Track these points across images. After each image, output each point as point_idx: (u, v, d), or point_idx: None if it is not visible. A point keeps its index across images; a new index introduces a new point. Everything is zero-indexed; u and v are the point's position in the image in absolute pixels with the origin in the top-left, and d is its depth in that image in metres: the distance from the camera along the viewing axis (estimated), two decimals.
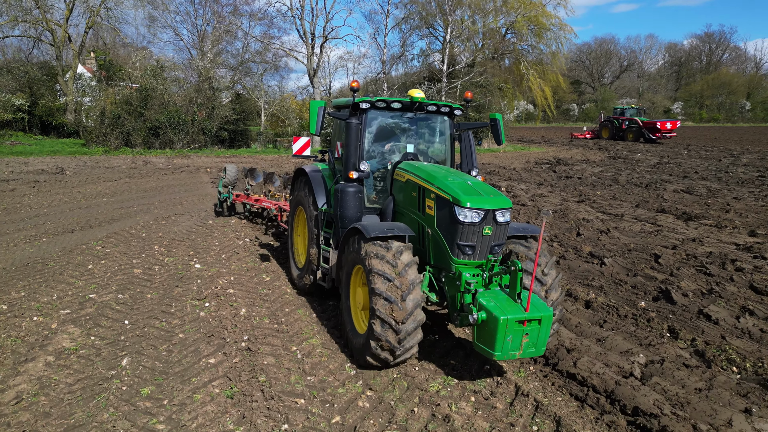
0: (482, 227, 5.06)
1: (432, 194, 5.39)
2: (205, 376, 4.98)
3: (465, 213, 4.99)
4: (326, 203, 6.78)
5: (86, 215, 11.79)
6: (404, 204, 6.02)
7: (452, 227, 5.10)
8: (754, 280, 7.73)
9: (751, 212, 12.94)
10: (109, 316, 6.30)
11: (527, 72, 32.44)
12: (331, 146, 7.40)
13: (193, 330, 6.00)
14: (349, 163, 6.20)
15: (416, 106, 6.42)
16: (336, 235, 6.37)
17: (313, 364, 5.32)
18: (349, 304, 5.63)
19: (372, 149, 6.67)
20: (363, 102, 6.20)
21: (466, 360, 5.53)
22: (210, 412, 4.38)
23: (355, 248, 5.42)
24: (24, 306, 6.48)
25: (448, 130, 6.89)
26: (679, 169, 22.76)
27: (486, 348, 4.63)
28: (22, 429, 4.06)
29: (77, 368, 5.03)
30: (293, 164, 22.67)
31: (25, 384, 4.71)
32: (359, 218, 6.19)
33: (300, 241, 7.92)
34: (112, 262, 8.36)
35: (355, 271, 5.58)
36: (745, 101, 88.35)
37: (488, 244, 5.16)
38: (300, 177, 7.56)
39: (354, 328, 5.48)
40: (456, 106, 6.71)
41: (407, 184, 5.91)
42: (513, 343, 4.52)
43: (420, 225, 5.64)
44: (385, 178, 6.61)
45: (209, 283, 7.58)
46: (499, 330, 4.43)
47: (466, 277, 5.04)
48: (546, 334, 4.63)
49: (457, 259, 5.16)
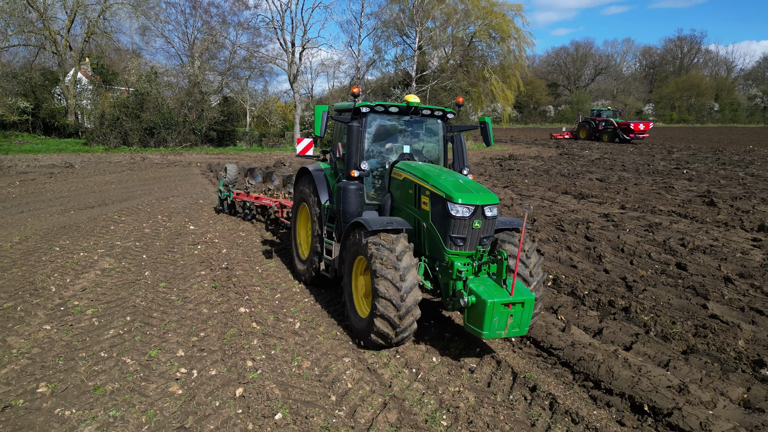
0: (472, 221, 5.51)
1: (427, 191, 5.82)
2: (199, 279, 7.96)
3: (457, 208, 5.44)
4: (329, 200, 7.22)
5: (100, 197, 14.68)
6: (401, 200, 6.45)
7: (445, 221, 5.55)
8: (589, 234, 10.83)
9: (637, 194, 16.10)
10: (131, 253, 9.24)
11: (490, 77, 35.65)
12: (332, 147, 7.93)
13: (189, 259, 8.98)
14: (351, 163, 6.62)
15: (412, 110, 6.87)
16: (338, 229, 6.84)
17: (268, 274, 8.31)
18: (351, 291, 6.11)
19: (371, 150, 7.03)
20: (363, 106, 6.67)
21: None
22: (202, 293, 7.35)
23: (357, 240, 5.87)
24: (71, 248, 9.40)
25: (440, 132, 7.30)
26: (611, 163, 26.01)
27: (475, 328, 5.13)
28: (88, 301, 7.00)
29: (116, 276, 7.97)
30: (274, 160, 25.60)
31: (86, 282, 7.64)
32: (360, 214, 6.59)
33: (303, 236, 8.43)
34: (128, 225, 11.29)
35: (357, 262, 6.04)
36: (714, 103, 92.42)
37: (477, 236, 5.62)
38: (303, 175, 8.01)
39: (357, 314, 5.95)
40: (448, 110, 7.14)
41: (404, 182, 6.34)
42: (499, 323, 5.03)
43: (416, 219, 6.10)
44: (383, 176, 7.01)
45: (200, 236, 10.54)
46: (486, 312, 4.94)
47: (458, 266, 5.46)
48: (528, 315, 5.14)
49: (450, 250, 5.60)
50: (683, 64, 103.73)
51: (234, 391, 4.77)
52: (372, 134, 7.00)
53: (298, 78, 34.95)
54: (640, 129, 42.94)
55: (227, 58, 37.76)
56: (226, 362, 5.33)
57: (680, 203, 14.46)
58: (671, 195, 15.93)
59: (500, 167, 24.34)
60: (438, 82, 35.31)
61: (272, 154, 29.40)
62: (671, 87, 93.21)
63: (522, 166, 24.38)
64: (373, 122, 6.93)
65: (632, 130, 42.57)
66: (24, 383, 4.81)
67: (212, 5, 36.93)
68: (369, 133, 6.92)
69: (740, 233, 11.03)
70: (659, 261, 8.99)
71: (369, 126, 6.86)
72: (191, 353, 5.51)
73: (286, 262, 9.07)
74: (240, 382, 4.92)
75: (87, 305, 6.74)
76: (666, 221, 12.15)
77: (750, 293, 7.41)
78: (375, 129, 7.02)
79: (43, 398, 4.58)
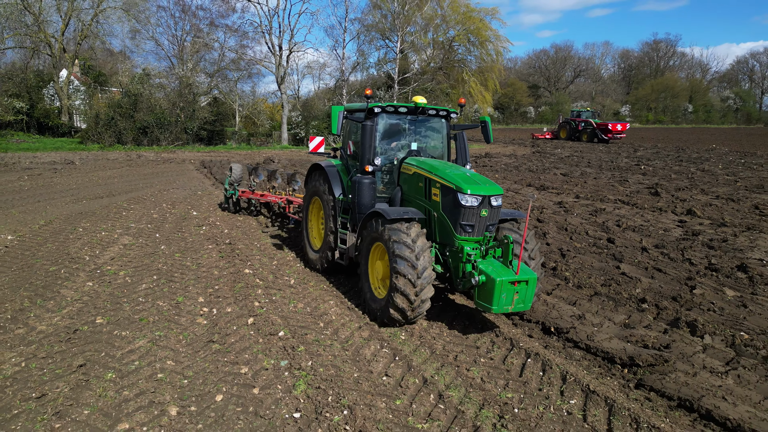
0: (480, 210, 6.03)
1: (437, 184, 6.34)
2: (207, 251, 9.49)
3: (466, 198, 5.96)
4: (342, 193, 7.74)
5: (106, 189, 16.08)
6: (411, 192, 6.95)
7: (455, 210, 6.07)
8: (541, 217, 12.55)
9: (593, 187, 17.91)
10: (145, 232, 10.73)
11: (469, 79, 37.48)
12: (343, 145, 8.41)
13: (196, 237, 10.50)
14: (365, 159, 7.12)
15: (419, 111, 7.38)
16: (353, 220, 7.34)
17: (266, 248, 9.87)
18: (368, 276, 6.62)
19: (380, 147, 7.51)
20: (376, 107, 7.17)
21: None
22: (212, 260, 8.89)
23: (375, 228, 6.38)
24: (92, 229, 10.85)
25: (444, 130, 7.85)
26: (578, 160, 27.92)
27: (485, 304, 5.66)
28: (119, 266, 8.50)
29: (137, 249, 9.47)
30: (263, 157, 27.06)
31: (113, 253, 9.12)
32: (373, 205, 7.01)
33: (314, 228, 8.97)
34: (137, 212, 12.75)
35: (374, 248, 6.54)
36: (688, 104, 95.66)
37: (484, 224, 6.15)
38: (316, 171, 8.58)
39: (373, 295, 6.48)
40: (452, 110, 7.64)
41: (414, 176, 6.85)
42: (506, 299, 5.56)
43: (426, 209, 6.61)
44: (392, 171, 7.51)
45: (203, 220, 12.06)
46: (495, 289, 5.47)
47: (467, 250, 6.01)
48: (532, 292, 5.73)
49: (460, 236, 6.12)
50: (659, 66, 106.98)
51: (246, 320, 6.35)
52: (381, 132, 7.47)
53: (285, 80, 36.43)
54: (618, 129, 44.17)
55: (216, 60, 39.11)
56: (238, 303, 6.90)
57: (628, 194, 16.28)
58: (623, 187, 17.77)
59: (475, 164, 26.07)
60: (419, 84, 37.05)
61: (261, 152, 30.87)
62: (647, 89, 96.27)
63: (495, 163, 26.15)
64: (382, 121, 7.43)
65: (610, 130, 43.84)
66: (84, 317, 6.33)
67: (200, 8, 38.17)
68: (378, 132, 7.36)
69: (670, 216, 12.85)
70: (594, 237, 10.73)
71: (379, 125, 7.35)
72: (210, 299, 7.07)
73: (279, 238, 10.62)
74: (250, 315, 6.49)
75: (118, 269, 8.24)
76: (611, 208, 13.93)
77: (658, 258, 9.15)
78: (385, 128, 7.52)
79: (102, 326, 6.11)
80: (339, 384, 4.91)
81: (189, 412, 4.41)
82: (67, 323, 6.12)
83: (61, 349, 5.47)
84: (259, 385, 4.85)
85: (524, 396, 4.84)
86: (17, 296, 6.92)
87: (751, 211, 13.39)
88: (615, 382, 5.13)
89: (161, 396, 4.63)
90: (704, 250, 9.66)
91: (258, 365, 5.24)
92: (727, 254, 9.36)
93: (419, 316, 6.09)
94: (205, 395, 4.67)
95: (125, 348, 5.54)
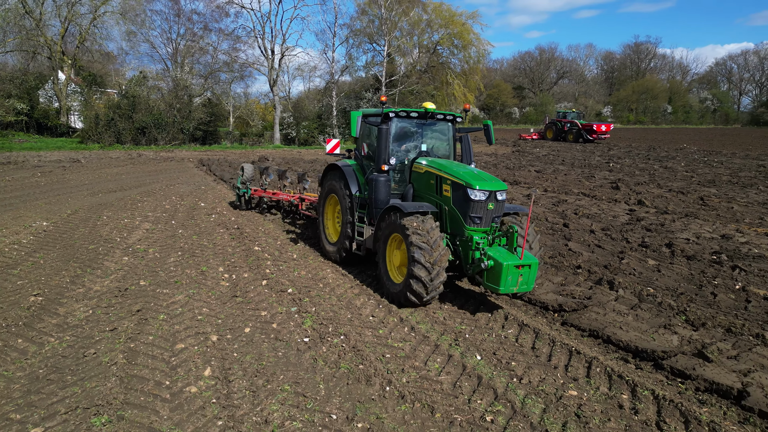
0: (487, 203, 6.76)
1: (448, 181, 7.06)
2: (219, 233, 11.04)
3: (475, 193, 6.67)
4: (358, 190, 8.42)
5: (117, 184, 17.52)
6: (422, 189, 7.69)
7: (465, 204, 6.81)
8: None
9: (562, 182, 19.69)
10: (162, 219, 12.24)
11: (453, 81, 39.29)
12: (357, 146, 9.15)
13: (208, 223, 12.03)
14: (381, 159, 7.82)
15: (429, 115, 8.09)
16: (369, 214, 8.10)
17: (269, 232, 11.44)
18: (385, 263, 7.38)
19: (393, 148, 8.14)
20: (391, 112, 7.93)
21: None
22: (225, 241, 10.44)
23: (392, 221, 7.07)
24: (115, 217, 12.34)
25: (450, 133, 8.59)
26: (554, 158, 29.78)
27: (493, 285, 6.39)
28: (147, 245, 10.03)
29: (158, 232, 10.99)
30: (258, 155, 28.55)
31: (139, 236, 10.64)
32: (388, 201, 7.78)
33: (330, 223, 9.74)
34: (151, 203, 14.25)
35: (391, 239, 7.25)
36: (667, 105, 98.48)
37: (491, 216, 6.89)
38: (332, 171, 9.30)
39: (391, 281, 7.22)
40: (457, 115, 8.34)
41: (425, 174, 7.57)
42: (512, 281, 6.25)
43: (437, 204, 7.33)
44: (403, 170, 8.25)
45: (211, 210, 13.59)
46: (503, 272, 6.16)
47: (476, 239, 6.76)
48: (534, 275, 6.47)
49: (469, 227, 6.85)
50: (640, 68, 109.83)
51: (260, 282, 7.95)
52: (394, 135, 8.15)
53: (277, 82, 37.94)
54: (603, 130, 45.34)
55: (209, 63, 40.46)
56: (252, 271, 8.49)
57: (592, 188, 18.07)
58: (589, 182, 19.57)
59: None
60: (405, 86, 38.76)
61: (255, 151, 32.39)
62: (628, 90, 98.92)
63: (476, 161, 27.88)
64: (395, 125, 8.12)
65: (595, 131, 44.89)
66: (129, 280, 7.87)
67: (195, 12, 39.54)
68: (392, 134, 8.01)
69: (622, 206, 14.63)
70: (552, 222, 12.44)
71: (392, 128, 8.02)
72: (228, 268, 8.65)
73: (280, 225, 12.21)
74: (263, 279, 8.09)
75: (147, 247, 9.78)
76: (573, 199, 15.69)
77: (602, 238, 10.88)
78: (397, 131, 8.24)
79: (146, 286, 7.66)
80: (336, 321, 6.53)
81: (226, 338, 6.00)
82: (117, 285, 7.67)
83: (118, 301, 7.03)
84: (276, 322, 6.46)
85: (474, 329, 6.50)
86: (69, 267, 8.44)
87: (695, 202, 15.22)
88: (544, 320, 6.82)
89: (203, 329, 6.22)
90: (642, 232, 11.42)
91: (274, 310, 6.85)
92: (660, 235, 11.12)
93: (433, 299, 6.88)
94: (236, 328, 6.26)
95: (168, 300, 7.11)
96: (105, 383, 4.90)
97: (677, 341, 6.06)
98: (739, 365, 5.40)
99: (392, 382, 5.06)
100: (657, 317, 6.75)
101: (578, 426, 4.46)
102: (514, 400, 4.81)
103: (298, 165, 23.96)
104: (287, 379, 5.10)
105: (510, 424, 4.47)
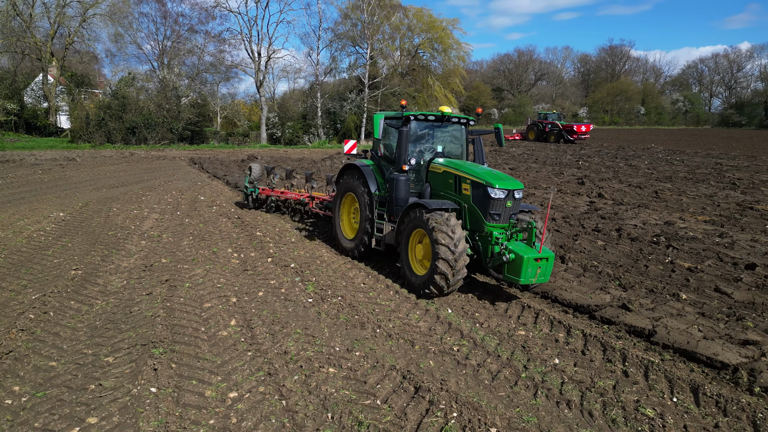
0: (506, 201, 7.16)
1: (468, 180, 7.45)
2: (222, 222, 12.29)
3: (495, 192, 7.11)
4: (377, 189, 8.75)
5: (117, 180, 18.60)
6: (440, 188, 8.08)
7: (485, 201, 7.23)
8: None
9: (533, 178, 21.29)
10: (168, 211, 13.45)
11: (433, 84, 40.89)
12: (373, 147, 9.60)
13: (210, 214, 13.28)
14: (401, 159, 8.23)
15: (445, 119, 8.48)
16: (389, 211, 8.52)
17: (268, 221, 12.73)
18: (407, 257, 7.81)
19: (411, 149, 8.57)
20: (410, 115, 8.36)
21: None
22: (229, 228, 11.70)
23: (416, 217, 7.45)
24: (124, 208, 13.51)
25: (463, 135, 8.99)
26: (528, 157, 31.49)
27: (513, 277, 6.79)
28: (160, 231, 11.25)
29: (167, 221, 12.20)
30: (246, 154, 29.69)
31: (150, 224, 11.83)
32: (407, 199, 8.18)
33: (346, 220, 10.06)
34: (154, 197, 15.41)
35: (414, 234, 7.65)
36: (641, 106, 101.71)
37: (509, 213, 7.32)
38: (349, 170, 9.62)
39: (413, 273, 7.65)
40: (470, 118, 8.69)
41: (443, 174, 7.93)
42: (531, 273, 6.67)
43: (456, 202, 7.69)
44: (419, 170, 8.62)
45: (211, 202, 14.83)
46: (523, 264, 6.58)
47: (496, 234, 7.19)
48: (550, 267, 6.90)
49: (489, 223, 7.27)
50: (614, 71, 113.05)
51: (266, 259, 9.27)
52: (412, 137, 8.63)
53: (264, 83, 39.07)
54: (583, 131, 46.09)
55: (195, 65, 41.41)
56: (257, 251, 9.81)
57: (559, 183, 19.70)
58: (558, 178, 21.21)
59: None
60: (388, 88, 40.22)
61: (243, 151, 33.50)
62: (603, 92, 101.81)
63: None
64: (414, 127, 8.59)
65: (576, 131, 45.73)
66: (152, 259, 9.12)
67: (181, 15, 40.46)
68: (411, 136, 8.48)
69: (584, 198, 16.25)
70: None
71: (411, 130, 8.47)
72: (236, 249, 9.95)
73: (277, 217, 13.51)
74: (268, 257, 9.42)
75: (160, 233, 11.01)
76: (541, 193, 17.26)
77: (561, 224, 12.40)
78: (415, 133, 8.72)
79: (168, 263, 8.92)
80: (334, 287, 7.90)
81: (244, 299, 7.33)
82: (142, 262, 8.92)
83: (147, 274, 8.29)
84: (284, 288, 7.81)
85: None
86: (96, 249, 9.65)
87: (650, 195, 16.91)
88: (504, 284, 8.28)
89: (224, 293, 7.53)
90: (597, 219, 12.99)
91: (281, 280, 8.19)
92: (612, 222, 12.70)
93: (453, 291, 7.37)
94: (251, 293, 7.59)
95: (190, 273, 8.40)
96: (153, 329, 6.19)
97: (609, 299, 7.55)
98: (653, 314, 6.90)
99: (381, 327, 6.46)
100: (596, 282, 8.26)
101: (523, 352, 5.91)
102: (476, 338, 6.25)
103: (286, 163, 25.17)
104: (298, 326, 6.45)
105: (472, 352, 5.89)
